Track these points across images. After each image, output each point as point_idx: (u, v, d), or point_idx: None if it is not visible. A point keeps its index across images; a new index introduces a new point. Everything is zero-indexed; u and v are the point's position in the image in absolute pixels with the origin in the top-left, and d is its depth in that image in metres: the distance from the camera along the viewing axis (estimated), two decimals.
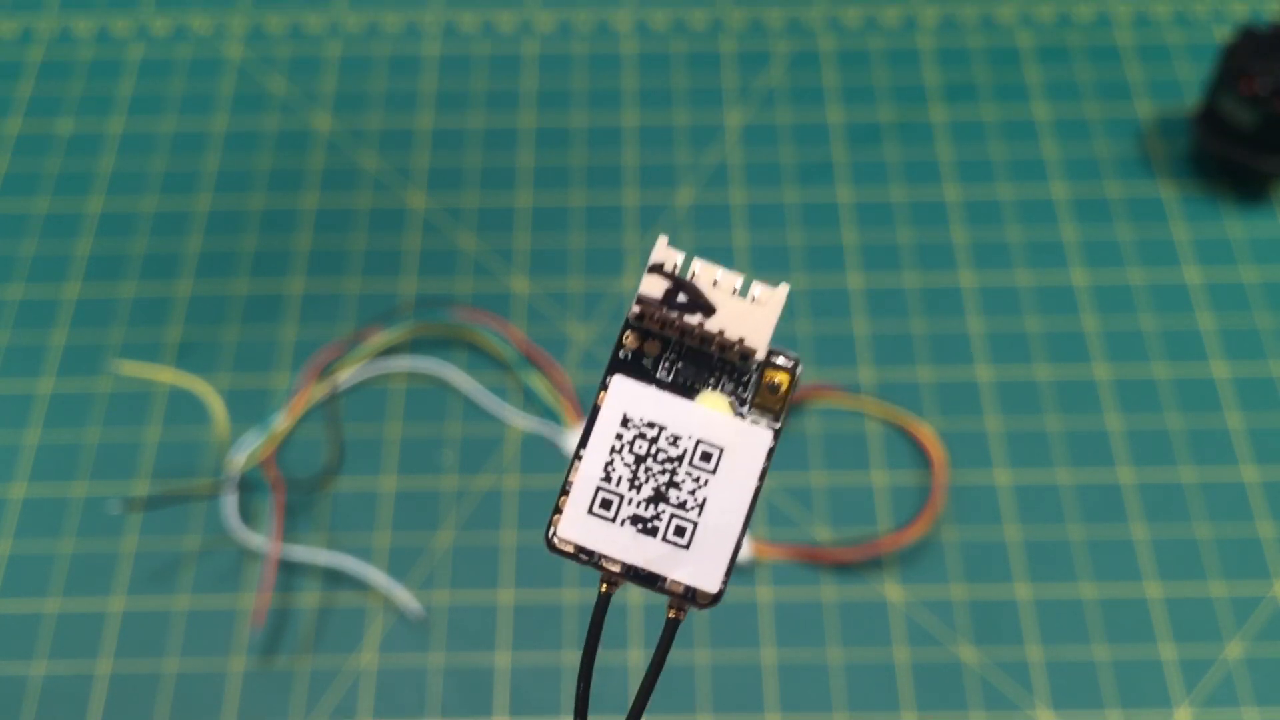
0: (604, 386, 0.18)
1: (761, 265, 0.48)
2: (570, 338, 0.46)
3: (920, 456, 0.43)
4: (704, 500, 0.18)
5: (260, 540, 0.41)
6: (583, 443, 0.18)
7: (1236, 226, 0.49)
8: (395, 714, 0.39)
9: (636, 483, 0.18)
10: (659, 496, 0.18)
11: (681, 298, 0.17)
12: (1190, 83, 0.52)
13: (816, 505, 0.42)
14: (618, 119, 0.52)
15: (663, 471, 0.18)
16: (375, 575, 0.41)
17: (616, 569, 0.18)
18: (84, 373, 0.46)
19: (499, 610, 0.41)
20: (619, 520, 0.18)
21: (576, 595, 0.41)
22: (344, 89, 0.53)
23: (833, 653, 0.40)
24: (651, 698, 0.18)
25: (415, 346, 0.46)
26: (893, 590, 0.41)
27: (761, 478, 0.18)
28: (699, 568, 0.17)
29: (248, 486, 0.43)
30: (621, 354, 0.18)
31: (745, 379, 0.18)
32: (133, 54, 0.55)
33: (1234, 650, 0.40)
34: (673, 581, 0.17)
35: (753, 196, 0.50)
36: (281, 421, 0.44)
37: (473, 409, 0.45)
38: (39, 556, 0.42)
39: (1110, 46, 0.54)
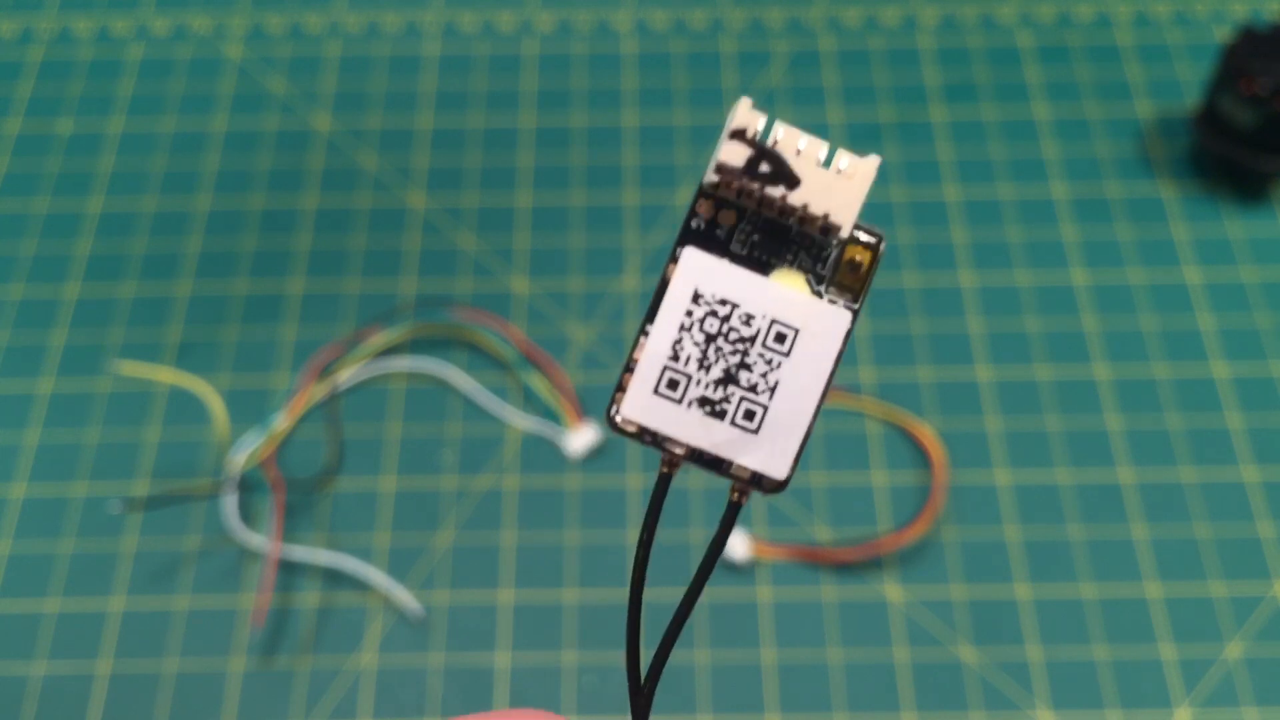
0: (674, 259, 0.17)
1: None
2: (570, 338, 0.46)
3: (920, 456, 0.43)
4: (775, 384, 0.17)
5: (260, 540, 0.41)
6: (649, 317, 0.17)
7: (1236, 226, 0.49)
8: (395, 714, 0.39)
9: (706, 363, 0.17)
10: (729, 378, 0.17)
11: (764, 167, 0.16)
12: (1190, 83, 0.52)
13: (816, 505, 0.42)
14: (618, 119, 0.52)
15: (734, 352, 0.17)
16: (375, 575, 0.41)
17: (681, 452, 0.17)
18: (84, 373, 0.46)
19: (499, 610, 0.41)
20: (686, 401, 0.17)
21: (576, 595, 0.41)
22: (344, 89, 0.53)
23: (833, 653, 0.40)
24: (663, 678, 0.17)
25: (415, 346, 0.46)
26: (893, 590, 0.41)
27: (837, 361, 0.17)
28: (767, 453, 0.17)
29: (248, 486, 0.43)
30: (694, 223, 0.17)
31: (825, 255, 0.17)
32: (133, 54, 0.55)
33: (1234, 650, 0.40)
34: (739, 467, 0.17)
35: None
36: (281, 421, 0.44)
37: (473, 409, 0.45)
38: (39, 556, 0.42)
39: (1110, 46, 0.54)
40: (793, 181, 0.16)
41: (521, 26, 0.55)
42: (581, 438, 0.43)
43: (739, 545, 0.41)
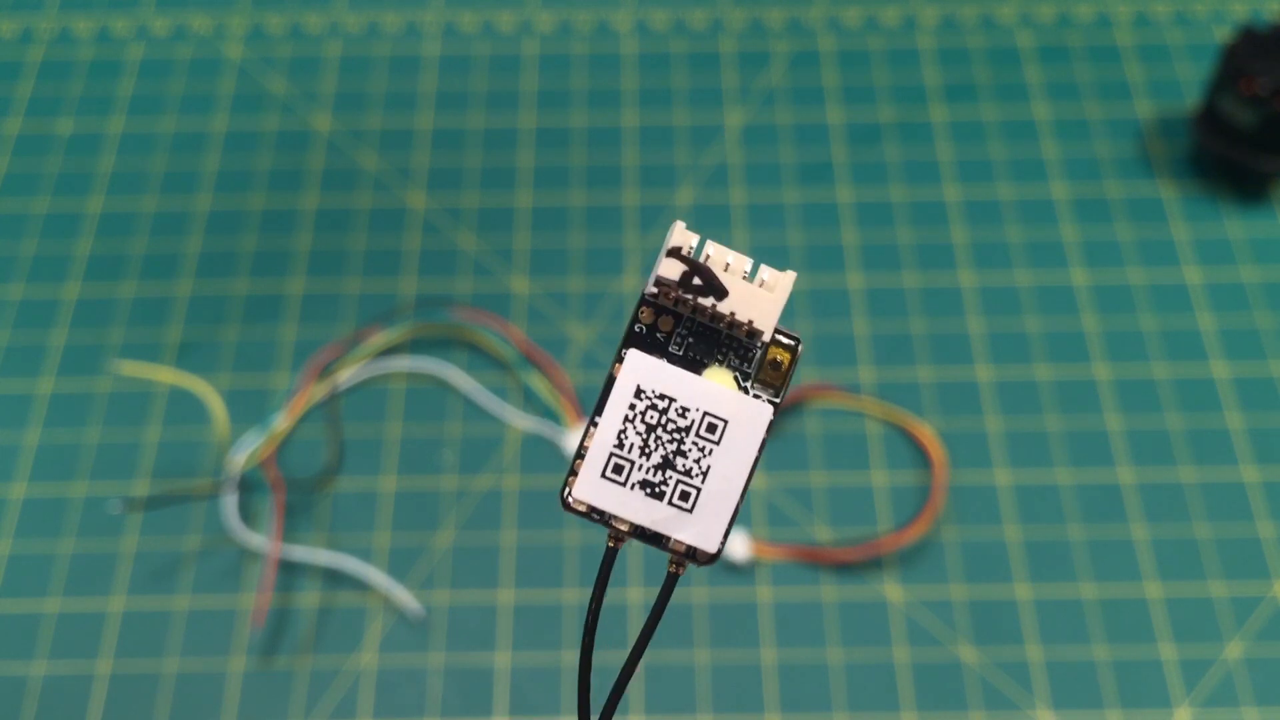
0: (619, 359, 0.19)
1: None
2: (570, 338, 0.46)
3: (920, 456, 0.43)
4: (708, 468, 0.19)
5: (260, 540, 0.41)
6: (598, 410, 0.19)
7: (1236, 226, 0.49)
8: (395, 714, 0.39)
9: (647, 450, 0.19)
10: (667, 463, 0.19)
11: (696, 281, 0.18)
12: (1190, 83, 0.52)
13: (816, 505, 0.42)
14: (618, 119, 0.52)
15: (671, 440, 0.19)
16: (375, 575, 0.41)
17: (625, 528, 0.19)
18: (84, 373, 0.46)
19: (499, 610, 0.41)
20: (629, 484, 0.19)
21: (576, 595, 0.41)
22: (344, 89, 0.53)
23: (833, 653, 0.40)
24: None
25: (415, 346, 0.46)
26: (893, 590, 0.41)
27: (761, 448, 0.19)
28: (701, 529, 0.19)
29: (248, 486, 0.43)
30: (637, 328, 0.19)
31: (750, 355, 0.19)
32: (133, 54, 0.55)
33: (1234, 650, 0.40)
34: (676, 541, 0.19)
35: (753, 196, 0.50)
36: (281, 421, 0.44)
37: (473, 409, 0.45)
38: (39, 556, 0.42)
39: (1110, 46, 0.54)
40: (721, 293, 0.19)
41: (521, 26, 0.55)
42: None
43: (739, 545, 0.41)
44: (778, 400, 0.19)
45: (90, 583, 0.41)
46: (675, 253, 0.18)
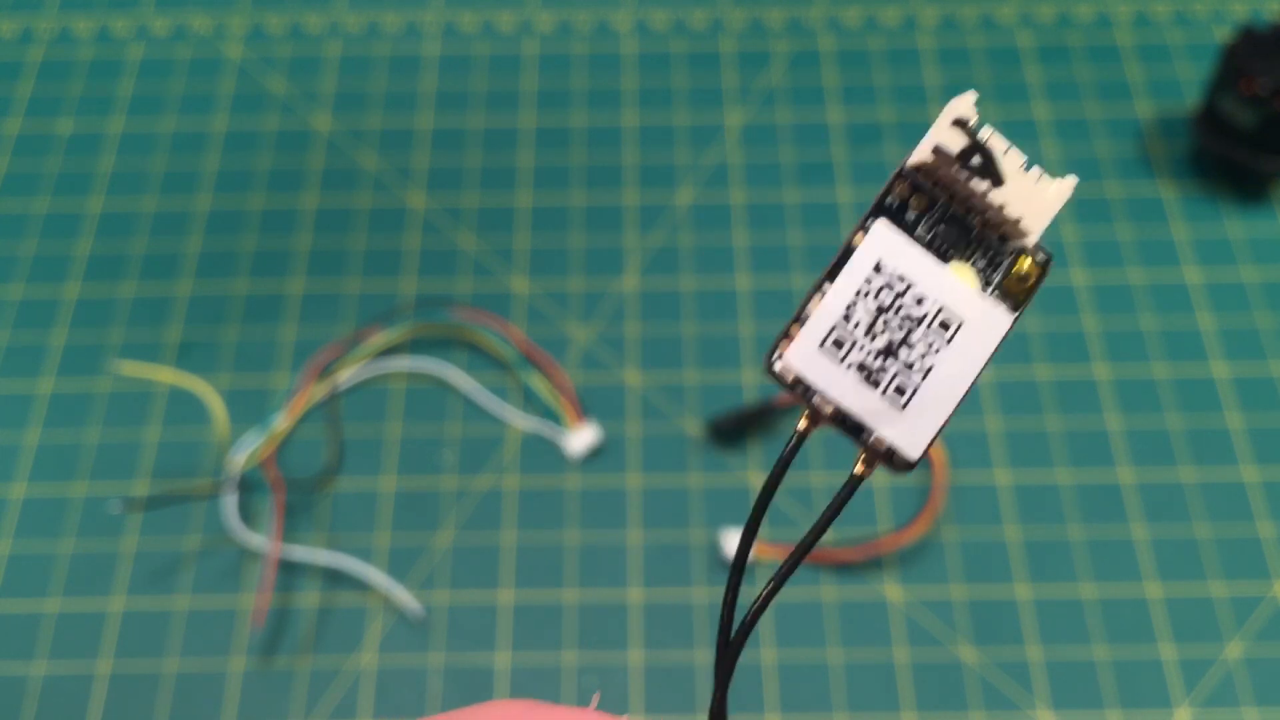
0: (863, 228, 0.17)
1: (761, 265, 0.48)
2: (570, 338, 0.46)
3: None
4: (930, 367, 0.17)
5: (260, 540, 0.41)
6: (830, 275, 0.17)
7: (1236, 226, 0.49)
8: (395, 714, 0.39)
9: (873, 331, 0.17)
10: (890, 350, 0.17)
11: (976, 160, 0.17)
12: (1190, 83, 0.52)
13: (817, 505, 0.42)
14: (618, 119, 0.52)
15: (901, 327, 0.17)
16: (375, 575, 0.41)
17: (829, 410, 0.17)
18: (84, 373, 0.46)
19: (499, 610, 0.41)
20: (846, 363, 0.17)
21: (576, 595, 0.41)
22: (344, 89, 0.53)
23: (833, 653, 0.40)
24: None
25: (415, 346, 0.46)
26: (893, 590, 0.41)
27: (989, 359, 0.17)
28: (908, 430, 0.17)
29: (248, 486, 0.43)
30: (889, 200, 0.17)
31: (998, 260, 0.17)
32: (133, 54, 0.55)
33: (1234, 650, 0.40)
34: (878, 438, 0.17)
35: (753, 196, 0.50)
36: (281, 421, 0.44)
37: (473, 409, 0.45)
38: (39, 556, 0.42)
39: (1110, 46, 0.54)
40: (998, 180, 0.17)
41: (521, 26, 0.55)
42: (581, 438, 0.43)
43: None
44: (1017, 314, 0.17)
45: (90, 583, 0.41)
46: (961, 124, 0.17)
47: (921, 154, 0.17)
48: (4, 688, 0.39)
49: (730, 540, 0.42)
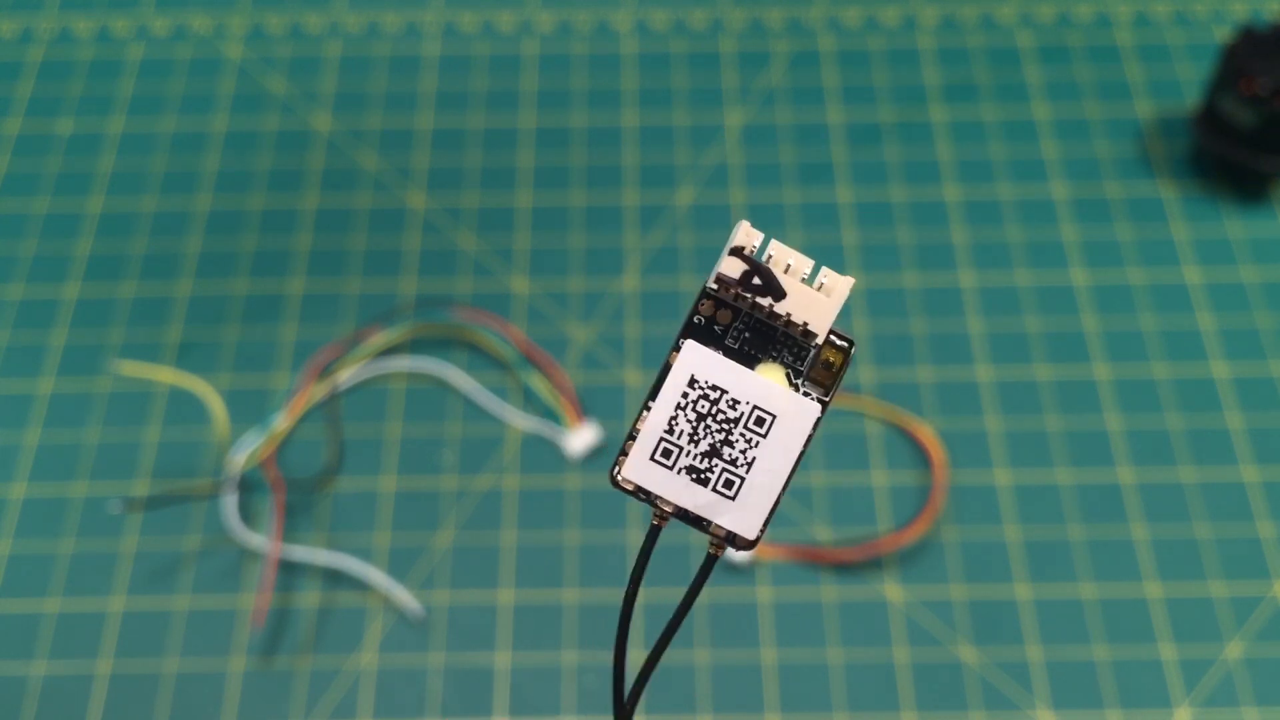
0: (676, 348, 0.20)
1: None
2: (570, 338, 0.46)
3: (920, 456, 0.43)
4: (753, 459, 0.20)
5: (260, 540, 0.41)
6: (652, 395, 0.20)
7: (1236, 226, 0.49)
8: (395, 714, 0.39)
9: (695, 437, 0.20)
10: (714, 452, 0.20)
11: (756, 280, 0.19)
12: (1190, 83, 0.52)
13: (816, 505, 0.42)
14: (618, 119, 0.52)
15: (720, 430, 0.20)
16: (375, 575, 0.41)
17: (669, 509, 0.20)
18: (84, 373, 0.46)
19: (499, 610, 0.41)
20: (676, 468, 0.20)
21: (576, 595, 0.41)
22: (344, 89, 0.53)
23: (833, 653, 0.40)
24: (649, 684, 0.20)
25: (415, 346, 0.46)
26: (893, 590, 0.41)
27: (807, 444, 0.20)
28: (741, 517, 0.20)
29: (248, 486, 0.43)
30: (696, 319, 0.20)
31: (804, 354, 0.20)
32: (133, 54, 0.55)
33: (1234, 650, 0.40)
34: (716, 526, 0.20)
35: (753, 196, 0.50)
36: (281, 421, 0.44)
37: (473, 409, 0.45)
38: (39, 556, 0.42)
39: (1110, 46, 0.54)
40: (779, 294, 0.19)
41: (521, 26, 0.55)
42: (581, 438, 0.43)
43: None
44: (827, 399, 0.20)
45: (90, 583, 0.41)
46: (738, 251, 0.19)
47: (711, 282, 0.19)
48: (4, 688, 0.39)
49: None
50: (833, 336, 0.20)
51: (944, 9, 0.55)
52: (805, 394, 0.20)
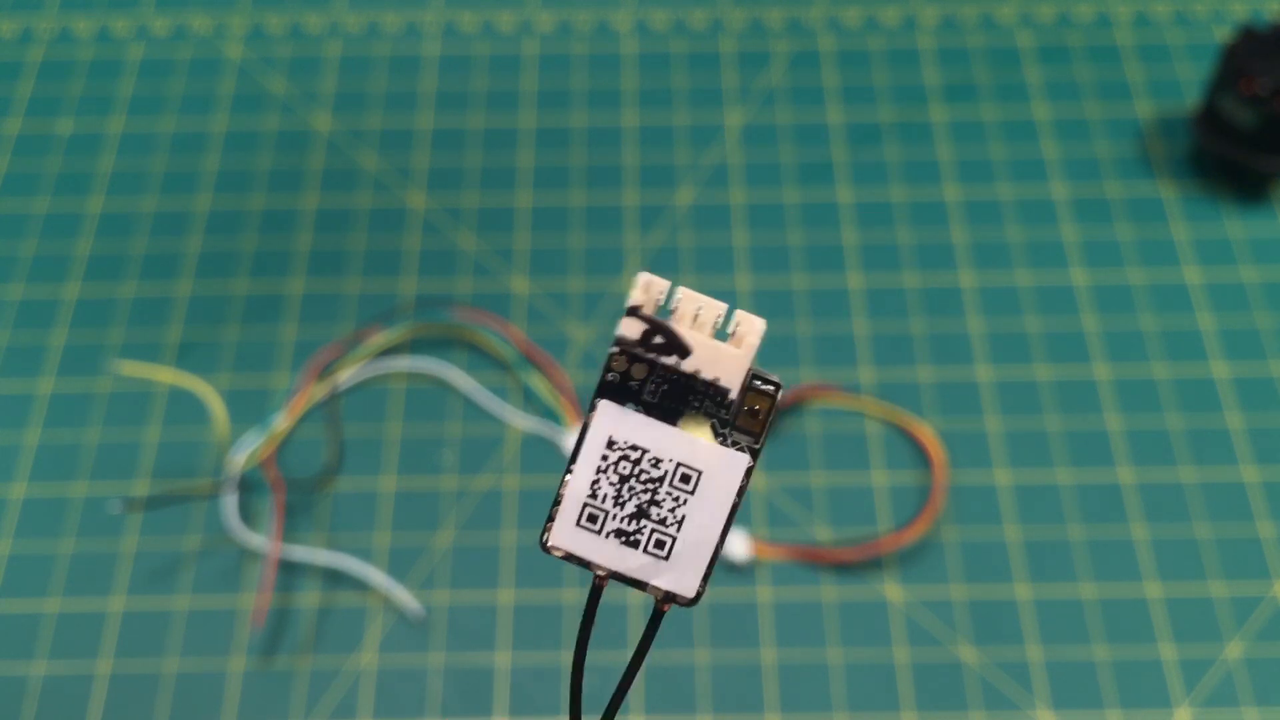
0: (592, 407, 0.19)
1: (761, 265, 0.48)
2: (570, 338, 0.46)
3: (920, 456, 0.43)
4: (683, 517, 0.19)
5: (260, 540, 0.41)
6: (572, 459, 0.19)
7: (1236, 226, 0.49)
8: (395, 714, 0.39)
9: (620, 500, 0.19)
10: (641, 513, 0.19)
11: (658, 339, 0.18)
12: (1190, 83, 0.52)
13: (816, 505, 0.42)
14: (618, 119, 0.52)
15: (645, 490, 0.19)
16: (375, 575, 0.41)
17: (603, 574, 0.19)
18: (84, 373, 0.46)
19: (499, 610, 0.41)
20: (604, 533, 0.19)
21: (576, 595, 0.41)
22: (344, 89, 0.53)
23: (833, 653, 0.40)
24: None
25: (415, 346, 0.46)
26: (893, 590, 0.41)
27: (739, 495, 0.19)
28: (678, 576, 0.19)
29: (248, 486, 0.43)
30: (610, 376, 0.19)
31: (727, 402, 0.19)
32: (133, 54, 0.55)
33: (1234, 650, 0.40)
34: (653, 587, 0.19)
35: (753, 196, 0.50)
36: (281, 421, 0.44)
37: (473, 409, 0.45)
38: (39, 556, 0.42)
39: (1110, 46, 0.54)
40: (684, 351, 0.18)
41: (521, 26, 0.55)
42: None
43: (739, 545, 0.41)
44: (758, 445, 0.19)
45: (90, 583, 0.41)
46: (634, 311, 0.18)
47: (615, 343, 0.19)
48: (4, 688, 0.39)
49: (729, 540, 0.42)
50: (756, 381, 0.19)
51: (944, 9, 0.55)
52: (735, 443, 0.19)
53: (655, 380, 0.19)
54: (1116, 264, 0.48)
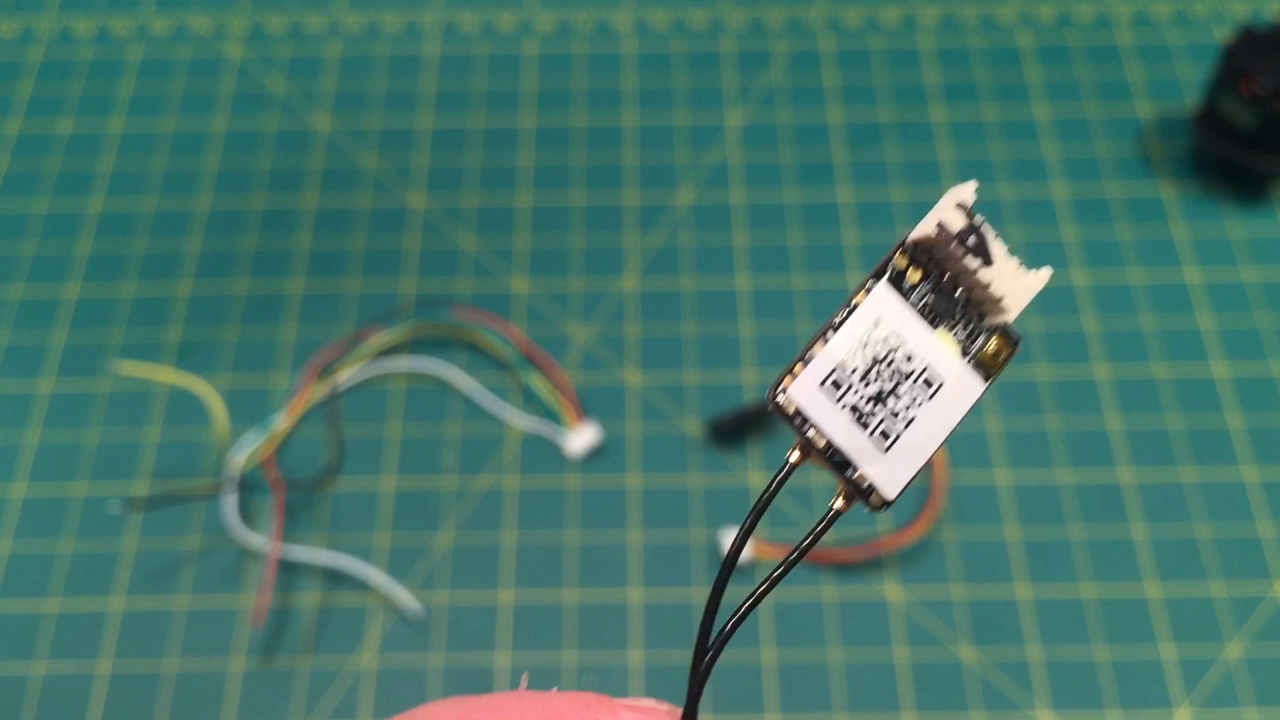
0: (865, 288, 0.19)
1: (761, 265, 0.48)
2: (570, 338, 0.46)
3: None
4: (913, 418, 0.19)
5: (260, 540, 0.41)
6: (832, 325, 0.19)
7: (1236, 226, 0.49)
8: (395, 714, 0.39)
9: (867, 379, 0.19)
10: (880, 398, 0.19)
11: (972, 240, 0.19)
12: (1190, 83, 0.52)
13: (817, 505, 0.42)
14: (618, 119, 0.52)
15: (891, 378, 0.19)
16: (375, 575, 0.41)
17: (821, 443, 0.19)
18: (84, 373, 0.46)
19: (499, 610, 0.41)
20: (841, 404, 0.19)
21: (576, 595, 0.41)
22: (344, 89, 0.53)
23: (833, 653, 0.40)
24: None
25: (415, 346, 0.46)
26: (893, 590, 0.41)
27: (964, 418, 0.19)
28: (888, 471, 0.19)
29: (248, 486, 0.43)
30: (889, 268, 0.19)
31: (975, 334, 0.19)
32: (133, 54, 0.55)
33: (1234, 650, 0.40)
34: (861, 474, 0.19)
35: (753, 196, 0.50)
36: (281, 421, 0.44)
37: (473, 409, 0.45)
38: (39, 556, 0.42)
39: (1110, 46, 0.54)
40: (989, 260, 0.19)
41: (521, 26, 0.55)
42: (581, 438, 0.43)
43: None
44: (987, 384, 0.19)
45: (90, 583, 0.41)
46: (962, 206, 0.19)
47: (925, 229, 0.19)
48: (4, 688, 0.39)
49: (729, 540, 0.42)
50: (1009, 325, 0.19)
51: (944, 9, 0.55)
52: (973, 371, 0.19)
53: (924, 288, 0.19)
54: (1117, 264, 0.48)
